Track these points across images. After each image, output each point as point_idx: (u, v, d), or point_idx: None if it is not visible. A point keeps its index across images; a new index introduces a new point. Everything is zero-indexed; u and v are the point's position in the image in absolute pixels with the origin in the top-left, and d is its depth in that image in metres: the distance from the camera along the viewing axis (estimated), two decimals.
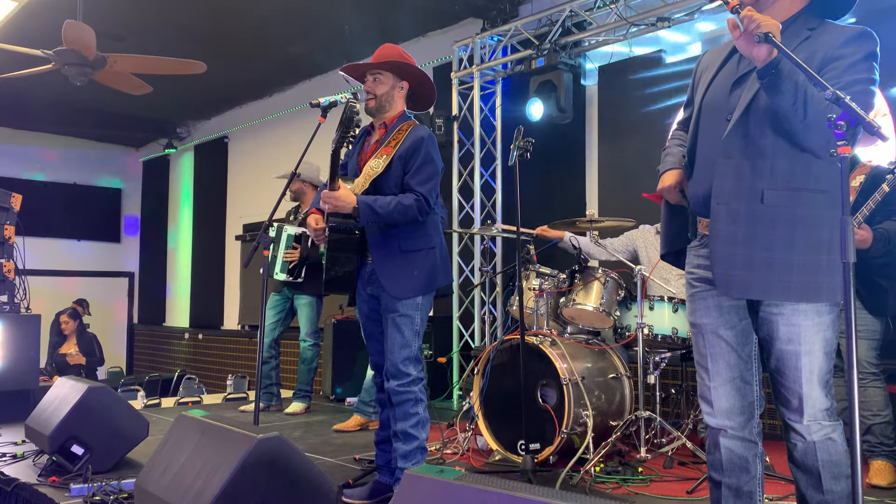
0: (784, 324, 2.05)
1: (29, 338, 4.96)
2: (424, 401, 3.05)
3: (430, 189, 2.99)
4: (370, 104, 3.11)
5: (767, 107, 2.00)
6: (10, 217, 5.12)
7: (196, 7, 6.55)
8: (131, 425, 3.52)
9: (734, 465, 2.17)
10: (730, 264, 2.06)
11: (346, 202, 2.88)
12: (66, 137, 11.28)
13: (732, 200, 2.05)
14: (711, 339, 2.19)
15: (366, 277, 3.11)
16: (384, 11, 6.61)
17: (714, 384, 2.19)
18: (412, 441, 2.98)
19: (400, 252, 3.01)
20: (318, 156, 4.35)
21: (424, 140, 3.02)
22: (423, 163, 3.00)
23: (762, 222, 2.02)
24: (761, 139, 2.03)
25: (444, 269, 3.12)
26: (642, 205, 4.62)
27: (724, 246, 2.07)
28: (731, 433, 2.17)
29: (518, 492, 1.52)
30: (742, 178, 2.05)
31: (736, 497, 2.18)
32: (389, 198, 2.93)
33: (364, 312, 3.18)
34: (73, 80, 5.33)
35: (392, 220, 2.93)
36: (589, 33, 5.75)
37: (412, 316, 3.01)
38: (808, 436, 2.06)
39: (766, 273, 2.01)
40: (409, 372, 2.99)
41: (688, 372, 4.41)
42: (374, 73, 3.11)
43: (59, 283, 10.35)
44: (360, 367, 5.75)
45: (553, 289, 4.11)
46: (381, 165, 3.02)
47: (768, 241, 2.01)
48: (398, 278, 2.99)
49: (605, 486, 3.33)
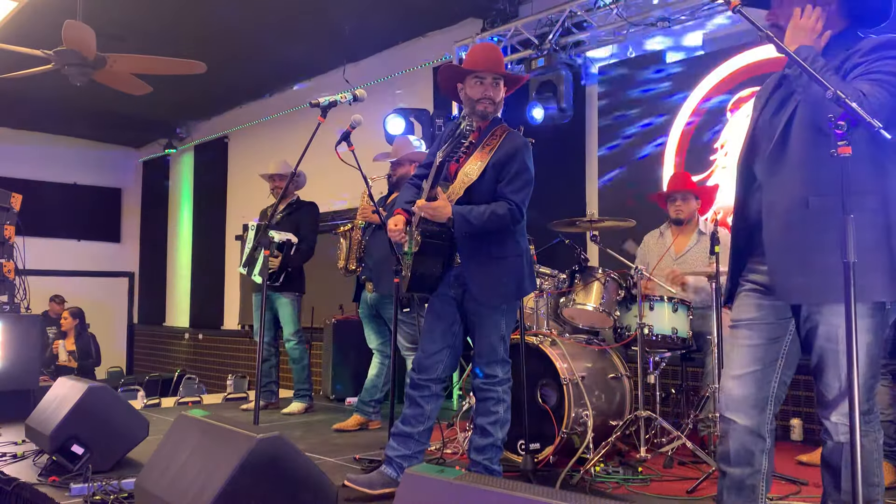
0: (824, 323, 2.09)
1: (29, 338, 4.96)
2: (507, 402, 3.13)
3: (524, 198, 3.06)
4: (489, 109, 3.13)
5: (803, 123, 2.09)
6: (10, 217, 5.12)
7: (196, 7, 6.55)
8: (131, 425, 3.52)
9: (740, 458, 2.21)
10: (787, 272, 2.12)
11: (443, 212, 2.94)
12: (66, 137, 11.28)
13: (784, 212, 2.13)
14: (745, 331, 2.26)
15: (451, 280, 3.12)
16: (384, 11, 6.61)
17: (734, 373, 2.24)
18: (488, 437, 3.09)
19: (490, 258, 3.05)
20: (318, 155, 4.35)
21: (521, 149, 3.07)
22: (518, 171, 3.04)
23: (814, 228, 2.07)
24: (802, 151, 2.10)
25: (531, 275, 3.18)
26: (642, 205, 4.63)
27: (780, 254, 2.13)
28: (741, 425, 2.20)
29: (518, 491, 1.52)
30: (789, 191, 2.12)
31: (738, 490, 2.21)
32: (483, 207, 2.98)
33: (436, 310, 3.18)
34: (73, 80, 5.33)
35: (486, 229, 2.99)
36: (589, 33, 5.75)
37: (499, 321, 3.08)
38: (835, 435, 2.07)
39: (824, 277, 2.04)
40: (496, 373, 3.09)
41: (688, 372, 4.41)
42: (497, 77, 3.12)
43: (59, 283, 10.34)
44: (360, 367, 5.74)
45: (553, 289, 4.11)
46: (475, 172, 3.06)
47: (822, 245, 2.04)
48: (488, 285, 3.04)
49: (605, 486, 3.33)
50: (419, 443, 3.15)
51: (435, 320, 3.17)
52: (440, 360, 3.14)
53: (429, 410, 3.15)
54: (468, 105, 3.15)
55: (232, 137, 10.20)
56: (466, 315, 3.14)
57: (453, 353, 3.18)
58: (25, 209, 5.24)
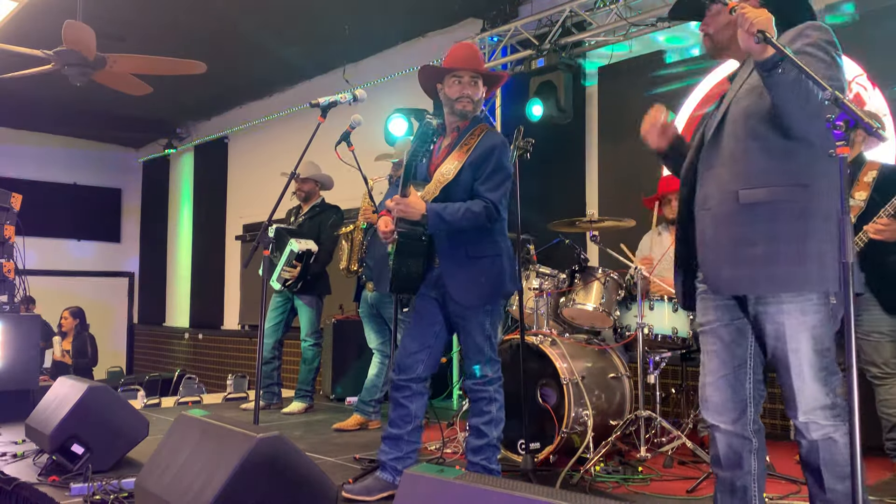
0: (770, 322, 2.11)
1: (29, 338, 4.96)
2: (499, 401, 3.11)
3: (500, 196, 3.02)
4: (468, 108, 3.11)
5: (737, 117, 2.15)
6: (10, 217, 5.11)
7: (196, 7, 6.55)
8: (131, 425, 3.52)
9: (729, 460, 2.24)
10: (717, 265, 2.16)
11: (415, 209, 2.91)
12: (66, 137, 11.28)
13: (715, 205, 2.17)
14: (709, 338, 2.29)
15: (432, 281, 3.11)
16: (384, 11, 6.61)
17: (708, 380, 2.28)
18: (483, 437, 3.07)
19: (467, 258, 3.03)
20: (318, 156, 4.35)
21: (497, 147, 3.04)
22: (494, 170, 3.02)
23: (743, 221, 2.11)
24: (733, 145, 2.15)
25: (512, 275, 3.15)
26: (642, 205, 4.62)
27: (711, 248, 2.18)
28: (723, 428, 2.24)
29: (518, 491, 1.52)
30: (721, 184, 2.16)
31: (731, 492, 2.24)
32: (458, 205, 2.96)
33: (419, 310, 3.18)
34: (73, 81, 5.33)
35: (460, 227, 2.96)
36: (589, 33, 5.75)
37: (482, 321, 3.06)
38: (807, 434, 2.08)
39: (752, 268, 2.08)
40: (485, 373, 3.07)
41: (688, 372, 4.41)
42: (474, 76, 3.11)
43: (59, 283, 10.34)
44: (360, 367, 5.74)
45: (553, 289, 4.11)
46: (451, 172, 3.04)
47: (751, 238, 2.09)
48: (465, 286, 3.02)
49: (605, 486, 3.33)
50: (410, 443, 3.14)
51: (417, 320, 3.17)
52: (420, 359, 3.13)
53: (414, 409, 3.14)
54: (447, 104, 3.14)
55: (232, 137, 10.20)
56: (450, 317, 3.12)
57: (433, 354, 3.16)
58: (25, 209, 5.23)
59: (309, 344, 5.41)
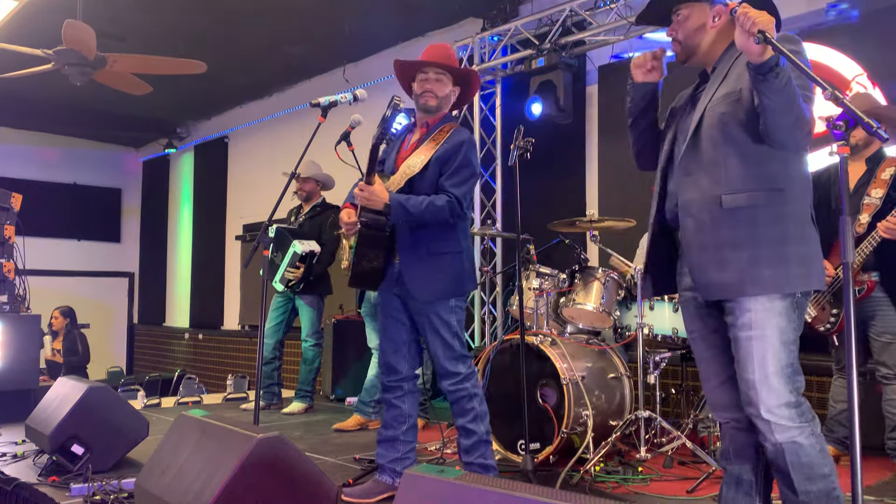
0: (739, 312, 2.11)
1: (29, 338, 4.96)
2: (479, 395, 3.09)
3: (465, 192, 3.01)
4: (430, 102, 3.11)
5: (713, 123, 2.16)
6: (10, 217, 5.11)
7: (196, 7, 6.55)
8: (131, 425, 3.52)
9: (738, 453, 2.26)
10: (704, 269, 2.17)
11: (378, 198, 2.88)
12: (66, 137, 11.28)
13: (697, 211, 2.18)
14: (701, 345, 2.31)
15: (393, 277, 3.08)
16: (384, 11, 6.61)
17: (710, 385, 2.30)
18: (472, 435, 3.05)
19: (427, 254, 3.00)
20: (318, 155, 4.35)
21: (464, 144, 3.03)
22: (460, 166, 3.00)
23: (726, 225, 2.12)
24: (712, 151, 2.16)
25: (471, 274, 3.13)
26: (642, 205, 4.61)
27: (697, 254, 2.19)
28: (734, 424, 2.26)
29: (518, 491, 1.52)
30: (702, 190, 2.17)
31: (738, 484, 2.27)
32: (422, 197, 2.94)
33: (385, 309, 3.16)
34: (73, 80, 5.33)
35: (423, 219, 2.93)
36: (589, 33, 5.75)
37: (447, 319, 3.03)
38: (770, 435, 2.06)
39: (738, 271, 2.09)
40: (458, 370, 3.04)
41: (688, 372, 4.41)
42: (439, 73, 3.11)
43: (59, 283, 10.34)
44: (360, 367, 5.74)
45: (553, 289, 4.11)
46: (418, 165, 3.03)
47: (735, 242, 2.11)
48: (424, 280, 2.99)
49: (604, 486, 3.33)
50: (406, 443, 3.14)
51: (385, 318, 3.15)
52: (402, 357, 3.12)
53: (407, 408, 3.14)
54: (415, 100, 3.17)
55: (232, 137, 10.20)
56: (412, 316, 3.09)
57: (410, 350, 3.14)
58: (25, 209, 5.23)
59: (310, 344, 5.41)
